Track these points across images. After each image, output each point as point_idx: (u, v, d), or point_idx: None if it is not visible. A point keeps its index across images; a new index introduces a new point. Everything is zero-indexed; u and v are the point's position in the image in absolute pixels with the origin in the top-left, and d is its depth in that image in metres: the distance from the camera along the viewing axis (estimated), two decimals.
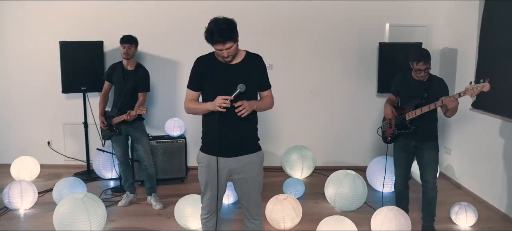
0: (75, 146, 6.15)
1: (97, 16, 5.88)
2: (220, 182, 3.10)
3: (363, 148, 6.26)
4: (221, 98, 2.87)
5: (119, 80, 4.70)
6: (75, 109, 5.99)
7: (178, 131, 5.62)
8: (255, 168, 3.11)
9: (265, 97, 3.16)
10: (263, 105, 3.11)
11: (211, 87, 3.02)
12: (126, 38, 4.64)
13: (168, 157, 5.53)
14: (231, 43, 2.87)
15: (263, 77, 3.12)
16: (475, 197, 5.14)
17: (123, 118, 4.52)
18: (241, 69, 3.01)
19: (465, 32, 5.39)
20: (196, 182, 5.70)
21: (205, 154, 3.11)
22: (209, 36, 2.84)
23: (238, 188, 3.18)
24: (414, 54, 3.85)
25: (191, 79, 3.13)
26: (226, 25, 2.82)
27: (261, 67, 3.11)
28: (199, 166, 3.18)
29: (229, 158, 3.05)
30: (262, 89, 3.15)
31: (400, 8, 5.97)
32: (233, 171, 3.09)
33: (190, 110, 3.13)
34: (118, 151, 4.81)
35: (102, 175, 5.67)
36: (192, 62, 5.89)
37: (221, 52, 2.90)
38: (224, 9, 5.89)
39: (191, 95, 3.13)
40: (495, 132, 4.81)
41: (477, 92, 3.53)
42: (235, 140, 3.03)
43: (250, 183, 3.13)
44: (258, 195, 3.20)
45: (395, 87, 4.20)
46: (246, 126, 3.04)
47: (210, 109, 2.96)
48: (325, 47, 6.06)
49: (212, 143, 3.04)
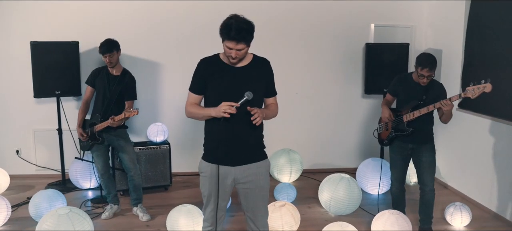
0: (47, 154, 5.74)
1: (71, 15, 5.50)
2: (224, 192, 2.92)
3: (350, 149, 6.21)
4: (227, 104, 2.68)
5: (103, 85, 4.38)
6: (46, 115, 5.61)
7: (161, 136, 5.35)
8: (262, 177, 2.95)
9: (271, 105, 3.00)
10: (270, 113, 2.95)
11: (214, 91, 2.83)
12: (105, 48, 4.23)
13: (151, 164, 5.25)
14: (243, 45, 2.70)
15: (270, 83, 2.97)
16: (464, 196, 5.19)
17: (107, 123, 4.22)
18: (247, 73, 2.84)
19: (450, 33, 5.43)
20: (182, 190, 5.54)
21: (208, 163, 2.91)
22: (225, 30, 2.67)
23: (243, 198, 2.99)
24: (420, 60, 3.80)
25: (194, 82, 2.92)
26: (245, 26, 2.68)
27: (268, 73, 2.95)
28: (201, 175, 2.97)
29: (234, 166, 2.86)
30: (268, 96, 2.99)
31: (384, 8, 5.95)
32: (238, 181, 2.91)
33: (191, 115, 2.92)
34: (98, 162, 4.49)
35: (79, 184, 5.32)
36: (173, 64, 5.79)
37: (230, 52, 2.72)
38: (205, 9, 5.72)
39: (193, 98, 2.92)
40: (482, 132, 4.86)
41: (478, 93, 3.50)
42: (241, 147, 2.85)
43: (257, 193, 2.96)
44: (265, 205, 3.04)
45: (394, 88, 4.14)
46: (252, 133, 2.86)
47: (213, 115, 2.77)
48: (310, 48, 5.95)
49: (215, 150, 2.85)
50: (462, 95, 3.58)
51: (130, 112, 4.07)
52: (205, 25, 5.67)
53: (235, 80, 2.79)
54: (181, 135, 5.80)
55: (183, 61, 5.73)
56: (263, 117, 2.78)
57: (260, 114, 2.72)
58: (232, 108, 2.67)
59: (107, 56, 4.25)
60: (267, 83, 2.96)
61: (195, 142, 5.84)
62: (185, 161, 5.83)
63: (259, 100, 2.92)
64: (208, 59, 2.92)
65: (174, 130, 5.66)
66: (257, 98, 2.86)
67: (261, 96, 2.94)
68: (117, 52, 4.33)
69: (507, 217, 4.52)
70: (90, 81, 4.50)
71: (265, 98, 3.00)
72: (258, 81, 2.87)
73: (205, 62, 2.91)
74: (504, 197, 4.57)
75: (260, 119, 2.71)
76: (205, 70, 2.88)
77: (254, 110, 2.69)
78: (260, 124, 2.78)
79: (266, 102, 3.01)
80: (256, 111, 2.69)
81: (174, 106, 5.79)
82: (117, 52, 4.32)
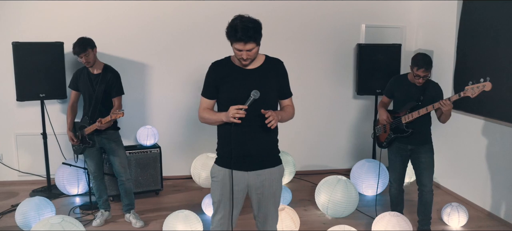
0: (30, 159, 5.49)
1: (56, 14, 5.28)
2: (236, 199, 2.82)
3: (342, 150, 6.18)
4: (235, 108, 2.59)
5: (86, 86, 4.20)
6: (30, 119, 5.37)
7: (152, 139, 5.20)
8: (275, 183, 2.86)
9: (287, 107, 2.89)
10: (286, 115, 2.84)
11: (227, 95, 2.74)
12: (77, 48, 4.03)
13: (142, 169, 5.09)
14: (253, 44, 2.61)
15: (284, 84, 2.87)
16: (456, 196, 5.22)
17: (94, 127, 4.05)
18: (259, 75, 2.75)
19: (442, 34, 5.45)
20: (173, 194, 5.39)
21: (221, 167, 2.81)
22: (231, 32, 2.57)
23: (255, 204, 2.90)
24: (416, 60, 3.78)
25: (206, 86, 2.83)
26: (251, 24, 2.58)
27: (281, 73, 2.85)
28: (212, 180, 2.87)
29: (248, 171, 2.77)
30: (283, 97, 2.89)
31: (375, 9, 5.93)
32: (252, 186, 2.82)
33: (204, 120, 2.83)
34: (91, 165, 4.32)
35: (66, 190, 5.10)
36: (162, 65, 5.63)
37: (240, 54, 2.63)
38: (194, 9, 5.59)
39: (206, 103, 2.83)
40: (474, 132, 4.89)
41: (478, 92, 3.51)
42: (255, 152, 2.76)
43: (270, 199, 2.88)
44: (276, 210, 2.97)
45: (390, 89, 4.12)
46: (267, 137, 2.78)
47: (224, 120, 2.68)
48: (300, 49, 5.88)
49: (229, 155, 2.76)
50: (461, 95, 3.58)
51: (117, 114, 3.91)
52: (194, 25, 5.56)
53: (248, 82, 2.69)
54: (170, 138, 5.66)
55: (172, 63, 5.59)
56: (278, 119, 2.68)
57: (275, 117, 2.62)
58: (241, 111, 2.57)
59: (82, 56, 4.05)
60: (281, 84, 2.86)
61: (185, 145, 5.75)
62: (175, 164, 5.69)
63: (273, 102, 2.84)
64: (219, 62, 2.83)
65: (163, 133, 5.51)
66: (271, 100, 2.78)
67: (275, 98, 2.85)
68: (92, 50, 4.13)
69: (501, 216, 4.56)
70: (72, 85, 4.32)
71: (280, 100, 2.90)
72: (271, 83, 2.78)
73: (216, 66, 2.81)
74: (498, 196, 4.61)
75: (275, 121, 2.61)
76: (216, 74, 2.78)
77: (268, 113, 2.60)
78: (275, 127, 2.68)
79: (282, 104, 2.92)
80: (270, 114, 2.60)
81: (163, 108, 5.64)
82: (92, 50, 4.12)
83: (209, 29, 5.56)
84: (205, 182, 5.37)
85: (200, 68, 5.77)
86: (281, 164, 2.89)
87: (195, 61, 5.58)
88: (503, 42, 4.51)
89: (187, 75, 5.63)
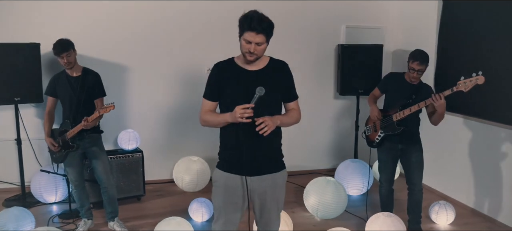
0: (2, 166, 5.18)
1: (32, 14, 5.00)
2: (239, 204, 2.74)
3: (324, 151, 6.18)
4: (241, 107, 2.49)
5: (66, 91, 4.01)
6: (2, 124, 5.08)
7: (133, 144, 5.02)
8: (279, 188, 2.80)
9: (291, 111, 2.81)
10: (289, 119, 2.76)
11: (230, 96, 2.64)
12: (59, 48, 3.87)
13: (123, 174, 4.90)
14: (263, 38, 2.55)
15: (289, 86, 2.79)
16: (439, 194, 5.30)
17: (80, 127, 3.86)
18: (264, 77, 2.66)
19: (422, 34, 5.53)
20: (156, 199, 5.22)
21: (223, 172, 2.72)
22: (245, 21, 2.54)
23: (258, 209, 2.82)
24: (413, 53, 3.85)
25: (208, 88, 2.73)
26: (267, 19, 2.58)
27: (286, 75, 2.78)
28: (214, 185, 2.78)
29: (253, 176, 2.69)
30: (287, 100, 2.81)
31: (355, 9, 5.96)
32: (256, 191, 2.73)
33: (207, 123, 2.72)
34: (72, 172, 4.11)
35: (43, 199, 4.85)
36: (141, 67, 5.44)
37: (248, 46, 2.54)
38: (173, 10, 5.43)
39: (208, 106, 2.73)
40: (456, 130, 4.99)
41: (471, 86, 3.54)
42: (260, 156, 2.68)
43: (273, 205, 2.81)
44: (279, 216, 2.91)
45: (385, 83, 4.16)
46: (271, 141, 2.70)
47: (230, 121, 2.59)
48: (280, 49, 5.76)
49: (232, 159, 2.67)
50: (454, 89, 3.59)
51: (106, 109, 3.76)
52: (174, 26, 5.41)
53: (251, 84, 2.60)
54: (151, 141, 5.48)
55: (152, 64, 5.43)
56: (274, 125, 2.59)
57: (269, 123, 2.53)
58: (248, 110, 2.49)
59: (64, 56, 3.87)
60: (286, 87, 2.79)
61: (167, 148, 5.59)
62: (156, 168, 5.52)
63: (278, 105, 2.76)
64: (223, 63, 2.73)
65: (144, 137, 5.33)
66: (275, 103, 2.71)
67: (279, 101, 2.77)
68: (74, 51, 3.98)
69: (484, 212, 4.66)
70: (50, 92, 4.13)
71: (285, 103, 2.83)
72: (275, 85, 2.69)
73: (219, 67, 2.72)
74: (481, 192, 4.71)
75: (268, 127, 2.53)
76: (219, 75, 2.69)
77: (260, 120, 2.52)
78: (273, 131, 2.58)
79: (287, 108, 2.84)
80: (263, 119, 2.52)
81: (143, 111, 5.47)
82: (73, 51, 3.97)
83: (190, 30, 5.43)
84: (188, 186, 5.24)
85: (181, 70, 5.68)
86: (284, 168, 2.83)
87: (176, 62, 5.44)
88: (483, 42, 4.61)
89: (167, 77, 5.48)
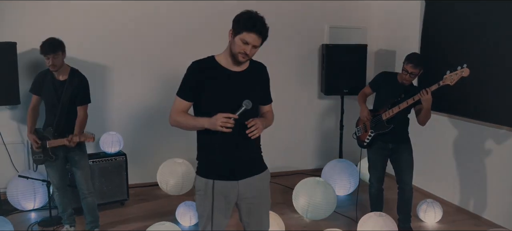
0: None
1: (8, 12, 4.75)
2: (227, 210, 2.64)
3: (308, 151, 6.16)
4: (224, 116, 2.38)
5: (50, 94, 3.81)
6: None
7: (116, 146, 4.85)
8: (265, 189, 2.73)
9: (267, 113, 2.76)
10: (268, 122, 2.70)
11: (209, 98, 2.51)
12: (48, 48, 3.65)
13: (106, 178, 4.73)
14: (261, 42, 2.48)
15: (267, 89, 2.76)
16: (424, 192, 5.36)
17: (62, 142, 3.70)
18: (245, 79, 2.58)
19: (405, 34, 5.58)
20: (139, 204, 5.06)
21: (206, 179, 2.58)
22: (248, 22, 2.41)
23: (245, 214, 2.71)
24: (409, 56, 3.88)
25: (184, 86, 2.55)
26: (266, 24, 2.47)
27: (265, 78, 2.74)
28: (198, 194, 2.63)
29: (238, 180, 2.59)
30: (264, 103, 2.75)
31: (337, 9, 5.97)
32: (242, 195, 2.63)
33: (178, 124, 2.57)
34: (54, 176, 3.93)
35: (20, 206, 4.62)
36: (123, 67, 5.28)
37: (244, 47, 2.44)
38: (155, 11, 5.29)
39: (181, 106, 2.56)
40: (439, 129, 5.05)
41: (456, 79, 3.60)
42: (243, 159, 2.59)
43: (262, 207, 2.74)
44: (268, 218, 2.83)
45: (377, 81, 4.17)
46: (252, 143, 2.59)
47: (206, 127, 2.46)
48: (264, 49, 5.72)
49: (218, 164, 2.56)
50: (440, 84, 3.64)
51: (86, 138, 3.76)
52: (156, 27, 5.27)
53: (233, 86, 2.52)
54: (133, 144, 5.32)
55: (134, 65, 5.28)
56: (263, 128, 2.53)
57: (260, 126, 2.47)
58: (230, 120, 2.38)
59: (51, 57, 3.66)
60: (264, 89, 2.74)
61: (150, 151, 5.44)
62: (139, 172, 5.35)
63: (258, 108, 2.69)
64: (202, 61, 2.57)
65: (127, 139, 5.17)
66: (256, 106, 2.62)
67: (258, 103, 2.70)
68: (63, 53, 3.76)
69: (470, 210, 4.74)
70: (35, 89, 3.91)
71: (261, 106, 2.75)
72: (256, 88, 2.64)
73: (199, 65, 2.55)
74: (466, 190, 4.79)
75: (258, 131, 2.46)
76: (199, 74, 2.52)
77: (251, 122, 2.44)
78: None
79: (262, 110, 2.76)
80: (255, 122, 2.45)
81: (126, 113, 5.30)
82: (62, 54, 3.75)
83: (172, 31, 5.31)
84: (173, 189, 5.10)
85: (164, 71, 5.53)
86: (267, 168, 2.75)
87: (158, 63, 5.31)
88: (466, 42, 4.68)
89: (150, 78, 5.34)
